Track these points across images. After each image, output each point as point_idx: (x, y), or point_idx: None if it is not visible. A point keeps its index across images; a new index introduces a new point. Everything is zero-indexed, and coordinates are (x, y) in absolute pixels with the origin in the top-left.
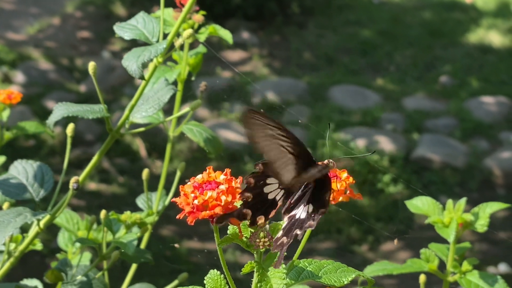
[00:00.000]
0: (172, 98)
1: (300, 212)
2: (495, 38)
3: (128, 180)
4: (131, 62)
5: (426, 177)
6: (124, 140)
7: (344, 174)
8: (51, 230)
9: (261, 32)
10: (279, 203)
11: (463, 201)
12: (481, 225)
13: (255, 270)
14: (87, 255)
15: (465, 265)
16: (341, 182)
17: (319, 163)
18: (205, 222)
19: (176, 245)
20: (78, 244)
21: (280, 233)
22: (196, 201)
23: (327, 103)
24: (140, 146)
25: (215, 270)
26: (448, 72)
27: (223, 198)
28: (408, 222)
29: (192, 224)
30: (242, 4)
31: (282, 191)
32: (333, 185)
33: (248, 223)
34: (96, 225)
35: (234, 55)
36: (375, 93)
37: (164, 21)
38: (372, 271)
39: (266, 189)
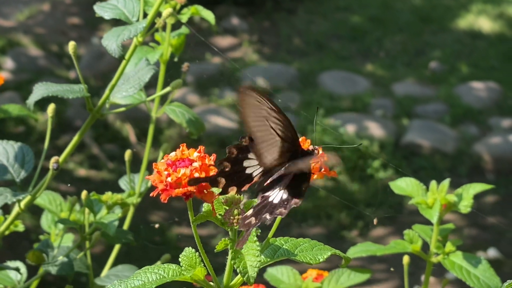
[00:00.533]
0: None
1: (275, 195)
2: (484, 24)
3: (118, 166)
4: (110, 41)
5: (416, 163)
6: (114, 126)
7: (320, 150)
8: (40, 215)
9: (251, 18)
10: (255, 179)
11: (446, 182)
12: (465, 206)
13: (229, 247)
14: (69, 236)
15: (449, 246)
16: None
17: (306, 148)
18: (196, 207)
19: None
20: (61, 226)
21: (250, 212)
22: (169, 179)
23: (317, 89)
24: (129, 131)
25: (190, 247)
26: (437, 57)
27: (196, 175)
28: (398, 207)
29: (165, 201)
30: None
31: (261, 169)
32: None
33: (219, 191)
34: (80, 207)
35: (224, 41)
36: (365, 79)
37: (147, 2)
38: (355, 252)
39: (246, 163)
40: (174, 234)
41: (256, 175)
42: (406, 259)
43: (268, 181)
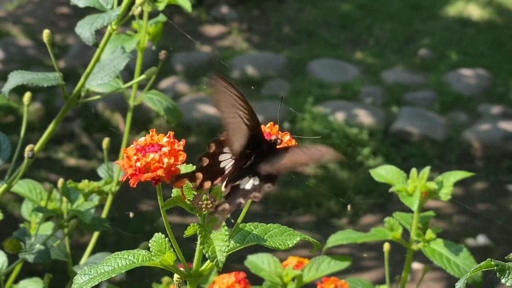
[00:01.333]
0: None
1: (245, 183)
2: (474, 11)
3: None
4: (84, 29)
5: (406, 150)
6: (104, 115)
7: (286, 137)
8: None
9: (240, 6)
10: (226, 172)
11: (427, 169)
12: (445, 194)
13: (198, 232)
14: (49, 225)
15: (429, 234)
16: (283, 145)
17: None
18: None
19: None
20: (41, 214)
21: (223, 199)
22: (138, 163)
23: (306, 77)
24: (119, 121)
25: (160, 233)
26: (427, 45)
27: (165, 160)
28: (387, 195)
29: (134, 186)
30: None
31: (232, 162)
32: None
33: (195, 185)
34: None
35: (214, 30)
36: (355, 67)
37: None
38: (336, 239)
39: (221, 157)
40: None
41: (227, 168)
42: (386, 246)
43: (235, 171)
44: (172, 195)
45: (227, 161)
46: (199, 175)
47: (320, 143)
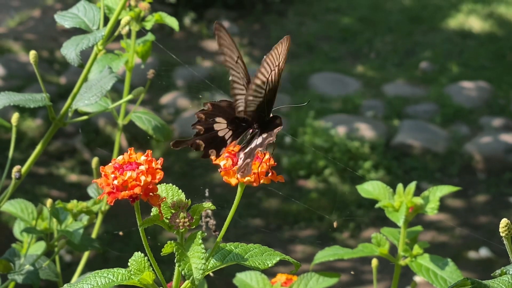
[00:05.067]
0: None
1: (254, 143)
2: (475, 23)
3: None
4: (69, 50)
5: (407, 163)
6: (105, 131)
7: (266, 156)
8: None
9: (241, 21)
10: (228, 142)
11: (413, 185)
12: (431, 209)
13: (174, 250)
14: (41, 244)
15: (416, 249)
16: (262, 164)
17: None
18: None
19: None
20: (34, 234)
21: (241, 159)
22: (115, 182)
23: (307, 90)
24: (121, 137)
25: (139, 252)
26: (428, 57)
27: (142, 178)
28: None
29: (112, 204)
30: None
31: (230, 132)
32: (254, 167)
33: (166, 194)
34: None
35: (214, 45)
36: (356, 80)
37: (111, 10)
38: (323, 256)
39: (216, 126)
40: (166, 238)
41: (228, 138)
42: (374, 262)
43: (245, 142)
44: (151, 213)
45: (224, 131)
46: (201, 142)
47: (321, 157)
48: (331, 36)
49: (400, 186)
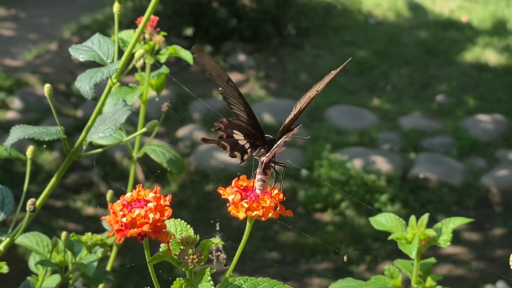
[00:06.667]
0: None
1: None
2: (491, 56)
3: None
4: (83, 83)
5: (423, 196)
6: (121, 164)
7: (275, 191)
8: None
9: (257, 54)
10: (249, 151)
11: (425, 217)
12: (444, 241)
13: (184, 286)
14: (56, 277)
15: (429, 281)
16: (271, 199)
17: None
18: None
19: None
20: (49, 267)
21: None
22: (124, 219)
23: (323, 123)
24: (137, 169)
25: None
26: (444, 90)
27: (151, 215)
28: None
29: (120, 241)
30: (238, 27)
31: (248, 144)
32: (263, 202)
33: (174, 231)
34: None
35: (232, 78)
36: (372, 113)
37: (125, 43)
38: None
39: (235, 136)
40: (182, 271)
41: (248, 148)
42: None
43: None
44: (160, 249)
45: (243, 141)
46: (226, 144)
47: (338, 190)
48: (347, 69)
49: (413, 218)
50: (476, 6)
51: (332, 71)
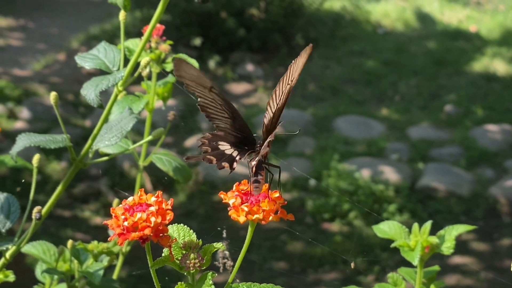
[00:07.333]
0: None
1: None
2: (499, 66)
3: None
4: (89, 91)
5: (432, 206)
6: (130, 174)
7: (276, 195)
8: None
9: (265, 64)
10: (237, 158)
11: (428, 224)
12: (447, 248)
13: None
14: (62, 286)
15: None
16: (272, 202)
17: None
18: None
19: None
20: (55, 276)
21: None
22: (126, 223)
23: (332, 134)
24: (145, 179)
25: None
26: (452, 100)
27: (152, 219)
28: None
29: (122, 245)
30: (246, 37)
31: (236, 151)
32: (263, 205)
33: (176, 235)
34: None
35: (239, 88)
36: (380, 123)
37: (131, 51)
38: None
39: (221, 147)
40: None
41: (236, 155)
42: None
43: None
44: (163, 254)
45: (230, 150)
46: (211, 157)
47: (346, 200)
48: (356, 79)
49: (416, 225)
50: (484, 16)
51: (295, 59)
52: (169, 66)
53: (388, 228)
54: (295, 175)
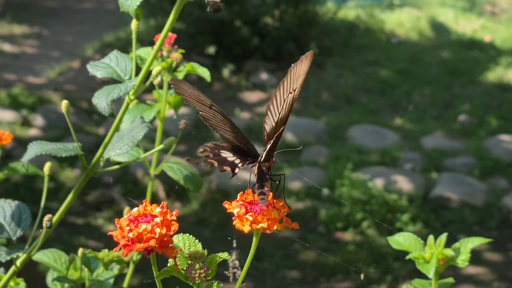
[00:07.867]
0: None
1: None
2: None
3: None
4: (100, 99)
5: (445, 216)
6: (143, 182)
7: (280, 203)
8: None
9: (279, 72)
10: (239, 165)
11: (443, 236)
12: (462, 261)
13: None
14: None
15: None
16: (276, 211)
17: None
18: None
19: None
20: (66, 284)
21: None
22: (130, 234)
23: (345, 143)
24: (158, 187)
25: None
26: (467, 110)
27: (157, 230)
28: None
29: (127, 256)
30: (260, 45)
31: (238, 159)
32: (268, 214)
33: (182, 245)
34: None
35: (253, 96)
36: (394, 133)
37: (143, 60)
38: None
39: (223, 155)
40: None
41: (238, 163)
42: None
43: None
44: (168, 264)
45: (232, 157)
46: (213, 161)
47: (359, 209)
48: (370, 89)
49: (431, 237)
50: (499, 26)
51: (294, 63)
52: (180, 75)
53: (403, 240)
54: (308, 184)
